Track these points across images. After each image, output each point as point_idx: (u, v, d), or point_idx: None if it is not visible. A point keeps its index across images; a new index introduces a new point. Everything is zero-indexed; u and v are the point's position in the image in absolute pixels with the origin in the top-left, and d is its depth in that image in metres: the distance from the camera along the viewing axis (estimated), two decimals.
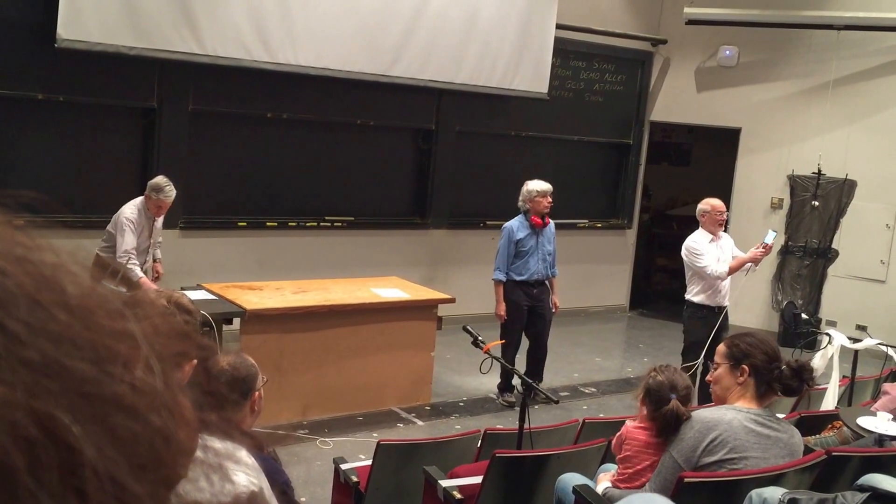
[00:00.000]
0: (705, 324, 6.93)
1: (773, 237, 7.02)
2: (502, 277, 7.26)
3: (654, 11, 11.09)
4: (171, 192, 6.48)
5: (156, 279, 6.81)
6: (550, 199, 7.26)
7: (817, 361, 6.57)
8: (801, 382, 3.43)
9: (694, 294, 6.98)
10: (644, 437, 3.57)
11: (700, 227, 7.04)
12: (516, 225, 7.26)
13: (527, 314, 7.32)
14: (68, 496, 0.46)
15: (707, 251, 6.88)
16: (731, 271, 6.91)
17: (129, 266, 6.27)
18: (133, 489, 0.48)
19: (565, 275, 8.11)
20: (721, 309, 6.92)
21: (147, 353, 0.53)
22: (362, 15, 8.31)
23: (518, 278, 7.24)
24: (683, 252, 7.02)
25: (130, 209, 6.46)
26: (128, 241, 6.34)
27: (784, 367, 3.41)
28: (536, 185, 7.23)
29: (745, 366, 3.42)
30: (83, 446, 0.46)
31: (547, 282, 7.41)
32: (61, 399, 0.46)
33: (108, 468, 0.47)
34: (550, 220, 7.38)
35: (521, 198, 7.29)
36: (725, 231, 7.22)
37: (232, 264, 8.15)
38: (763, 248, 6.89)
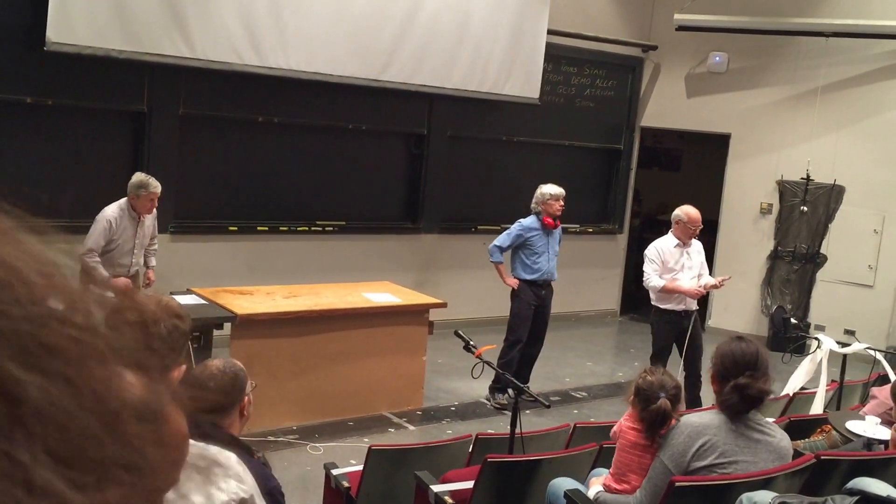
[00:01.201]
0: (672, 328, 7.02)
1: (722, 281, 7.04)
2: (500, 259, 7.41)
3: (645, 17, 11.13)
4: (156, 184, 6.45)
5: (147, 285, 6.77)
6: (563, 203, 7.39)
7: (807, 365, 6.61)
8: (741, 402, 3.40)
9: (659, 300, 7.04)
10: (632, 437, 3.61)
11: (670, 232, 7.07)
12: (530, 223, 7.41)
13: (532, 315, 7.46)
14: (14, 431, 0.48)
15: (669, 258, 6.97)
16: (666, 290, 6.93)
17: (91, 264, 6.16)
18: (80, 424, 0.51)
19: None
20: (689, 313, 6.93)
21: (83, 304, 0.56)
22: (354, 19, 8.31)
23: (529, 278, 7.37)
24: (645, 253, 7.09)
25: (112, 210, 6.42)
26: (94, 239, 6.27)
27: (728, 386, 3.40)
28: (550, 189, 7.38)
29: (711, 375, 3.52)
30: (26, 387, 0.49)
31: (552, 282, 7.57)
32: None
33: (52, 409, 0.50)
34: (560, 224, 7.51)
35: (534, 201, 7.44)
36: (711, 237, 7.17)
37: (222, 269, 8.13)
38: (717, 284, 6.96)
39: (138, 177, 6.48)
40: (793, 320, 9.04)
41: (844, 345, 6.62)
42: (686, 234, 6.98)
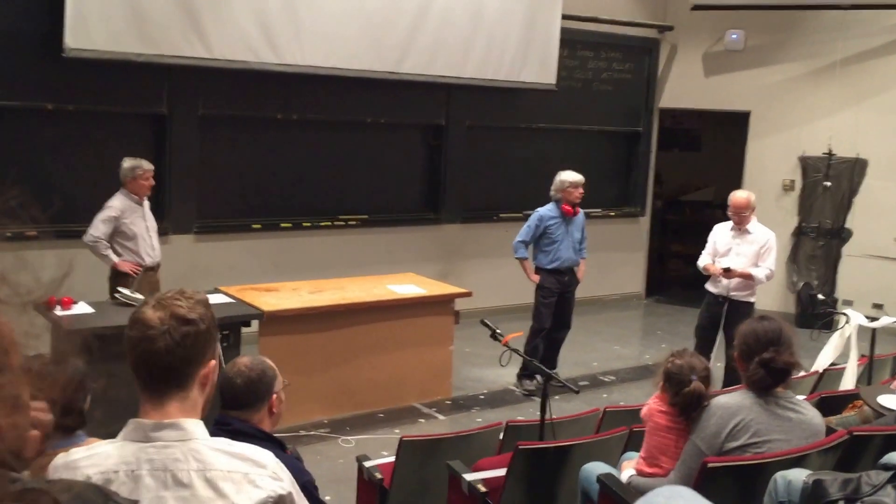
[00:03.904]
0: (707, 309, 7.08)
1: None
2: (525, 254, 7.43)
3: None
4: (148, 163, 6.66)
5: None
6: (582, 190, 7.39)
7: (835, 341, 6.56)
8: (768, 376, 3.40)
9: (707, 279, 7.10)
10: (663, 421, 3.59)
11: None
12: (547, 212, 7.39)
13: (556, 300, 7.48)
14: None
15: (721, 242, 6.98)
16: (703, 268, 7.01)
17: (103, 252, 6.44)
18: None
19: None
20: (724, 298, 6.88)
21: None
22: (368, 13, 8.32)
23: (549, 266, 7.38)
24: None
25: (114, 201, 6.54)
26: (99, 228, 6.45)
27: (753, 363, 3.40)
28: (569, 176, 7.36)
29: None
30: None
31: (575, 268, 7.55)
32: None
33: None
34: (580, 210, 7.50)
35: (553, 187, 7.44)
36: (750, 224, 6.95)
37: (248, 267, 8.18)
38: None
39: (128, 161, 6.62)
40: (820, 296, 8.95)
41: (873, 319, 6.57)
42: (734, 220, 6.91)
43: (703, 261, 7.03)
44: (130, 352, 1.92)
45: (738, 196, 6.93)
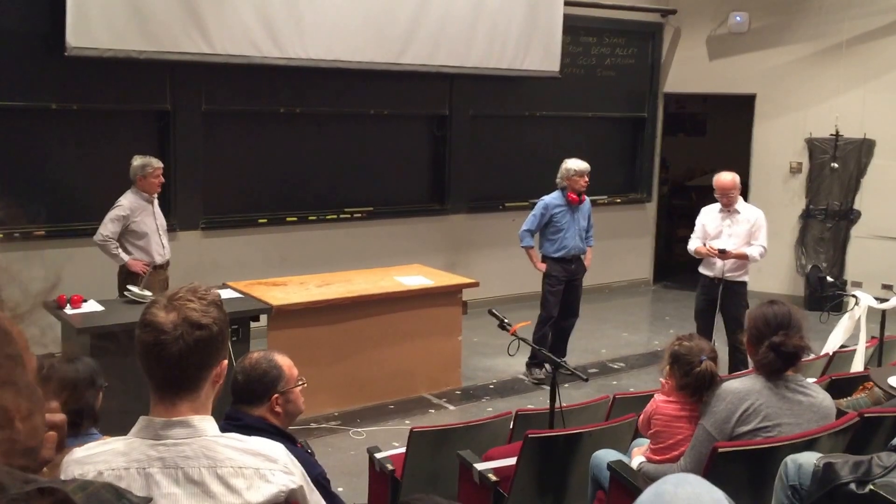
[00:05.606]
0: (703, 292, 7.10)
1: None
2: (531, 243, 7.43)
3: None
4: (157, 161, 6.67)
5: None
6: (587, 179, 7.37)
7: (845, 323, 6.55)
8: (778, 359, 3.40)
9: (700, 263, 7.13)
10: (672, 411, 3.58)
11: None
12: (553, 200, 7.38)
13: (563, 289, 7.48)
14: None
15: (710, 224, 7.00)
16: (695, 252, 7.01)
17: (114, 251, 6.44)
18: None
19: None
20: (719, 280, 6.89)
21: None
22: (369, 4, 8.30)
23: (556, 254, 7.37)
24: None
25: (124, 199, 6.54)
26: (109, 227, 6.45)
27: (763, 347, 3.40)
28: (575, 165, 7.34)
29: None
30: None
31: (582, 255, 7.56)
32: None
33: None
34: (587, 198, 7.50)
35: (559, 175, 7.42)
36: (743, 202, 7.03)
37: (255, 261, 8.19)
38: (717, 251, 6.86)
39: (137, 159, 6.63)
40: (829, 278, 8.92)
41: (882, 300, 6.55)
42: (721, 202, 6.94)
43: (694, 244, 7.05)
44: (142, 354, 1.91)
45: (723, 177, 6.99)
